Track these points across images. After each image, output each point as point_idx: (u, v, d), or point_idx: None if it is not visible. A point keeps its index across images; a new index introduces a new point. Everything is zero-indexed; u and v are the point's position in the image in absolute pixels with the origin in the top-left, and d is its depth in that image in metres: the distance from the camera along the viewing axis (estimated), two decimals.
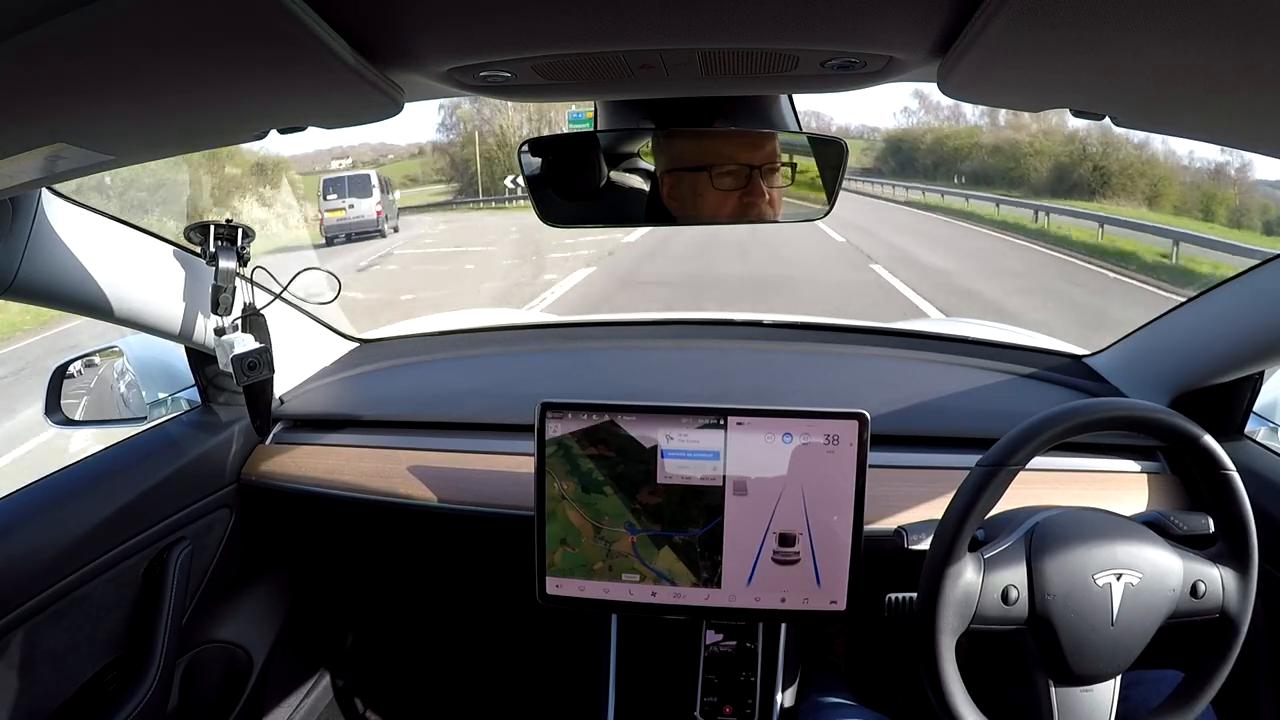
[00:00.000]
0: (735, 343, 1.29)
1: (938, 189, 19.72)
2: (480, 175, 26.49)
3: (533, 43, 0.47)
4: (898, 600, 0.74)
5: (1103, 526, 0.72)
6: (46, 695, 0.85)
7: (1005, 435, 0.70)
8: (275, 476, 1.08)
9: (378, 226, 14.28)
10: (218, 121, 0.56)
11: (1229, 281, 0.94)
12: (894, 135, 32.49)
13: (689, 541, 0.90)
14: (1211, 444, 0.70)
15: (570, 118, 10.34)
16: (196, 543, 1.01)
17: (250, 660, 1.19)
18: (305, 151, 28.51)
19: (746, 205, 0.78)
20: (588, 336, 1.43)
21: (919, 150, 29.76)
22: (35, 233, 0.73)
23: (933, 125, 30.24)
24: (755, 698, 0.97)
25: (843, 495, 0.87)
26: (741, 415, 0.88)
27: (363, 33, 0.42)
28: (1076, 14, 0.36)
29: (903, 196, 19.76)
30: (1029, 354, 1.20)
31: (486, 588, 1.38)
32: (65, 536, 0.84)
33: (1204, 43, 0.37)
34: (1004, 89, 0.51)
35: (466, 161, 28.22)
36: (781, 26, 0.44)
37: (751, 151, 0.77)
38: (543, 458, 0.91)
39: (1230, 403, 0.98)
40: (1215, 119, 0.49)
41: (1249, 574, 0.71)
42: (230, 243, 0.94)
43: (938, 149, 28.35)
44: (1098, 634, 0.69)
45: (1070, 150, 21.07)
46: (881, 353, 1.23)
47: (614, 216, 0.89)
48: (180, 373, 1.10)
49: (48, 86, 0.42)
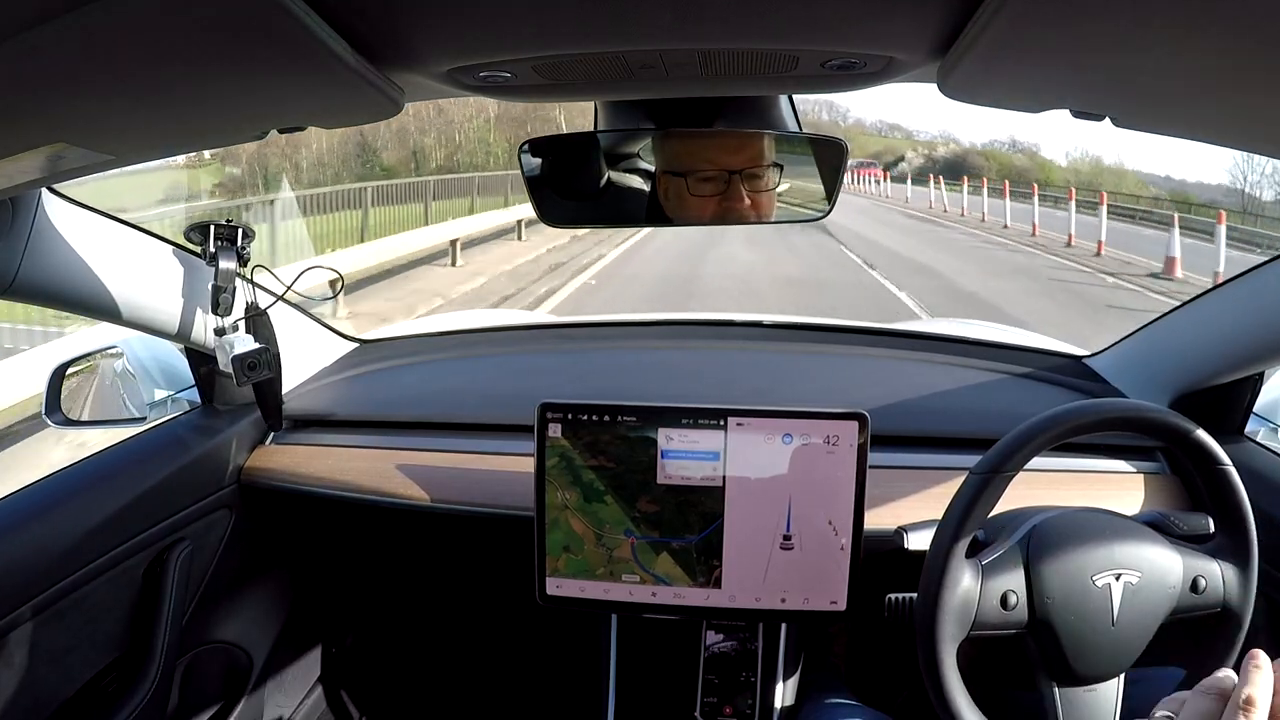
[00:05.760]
0: (735, 343, 1.29)
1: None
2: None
3: (533, 43, 0.47)
4: (898, 600, 0.74)
5: (1100, 527, 0.72)
6: (46, 695, 0.84)
7: (999, 441, 0.70)
8: (276, 477, 1.08)
9: None
10: (218, 121, 0.56)
11: (1229, 282, 0.94)
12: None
13: (686, 548, 0.90)
14: (1206, 439, 0.70)
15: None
16: (197, 543, 1.01)
17: (250, 660, 1.19)
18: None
19: (726, 209, 0.78)
20: (588, 337, 1.43)
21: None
22: (35, 233, 0.73)
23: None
24: (755, 698, 0.97)
25: (843, 496, 0.87)
26: (741, 416, 0.88)
27: (363, 33, 0.42)
28: (1077, 14, 0.36)
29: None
30: (1029, 354, 1.21)
31: (486, 588, 1.38)
32: (65, 536, 0.84)
33: (1204, 43, 0.37)
34: (1004, 90, 0.51)
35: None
36: (781, 27, 0.44)
37: (732, 155, 0.77)
38: (543, 459, 0.91)
39: (1230, 403, 0.98)
40: (1215, 119, 0.49)
41: (1249, 567, 0.71)
42: (230, 243, 0.94)
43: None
44: (1099, 635, 0.69)
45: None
46: (881, 353, 1.23)
47: (613, 216, 0.90)
48: (180, 373, 1.10)
49: (48, 86, 0.42)
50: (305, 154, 16.53)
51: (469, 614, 1.47)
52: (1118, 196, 18.92)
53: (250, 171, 13.57)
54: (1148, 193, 25.41)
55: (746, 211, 0.79)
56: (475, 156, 18.77)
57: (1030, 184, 17.37)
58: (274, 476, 1.08)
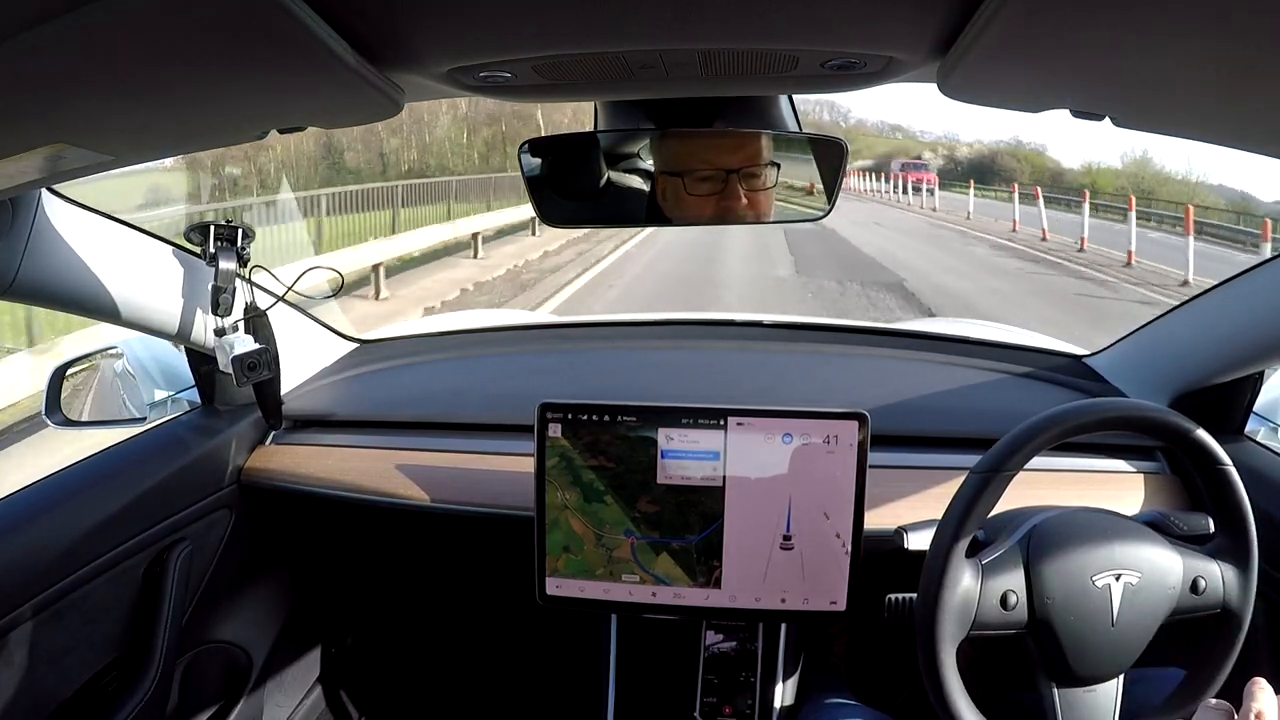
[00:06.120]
0: (735, 343, 1.29)
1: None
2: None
3: (533, 43, 0.47)
4: (898, 601, 0.74)
5: (1100, 527, 0.72)
6: (46, 695, 0.84)
7: (999, 441, 0.70)
8: (275, 477, 1.08)
9: None
10: (218, 121, 0.56)
11: (1229, 281, 0.94)
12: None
13: (685, 548, 0.90)
14: (1206, 438, 0.70)
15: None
16: (196, 543, 1.01)
17: (250, 660, 1.19)
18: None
19: (724, 209, 0.79)
20: (588, 337, 1.43)
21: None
22: (35, 233, 0.73)
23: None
24: (755, 698, 0.97)
25: (843, 495, 0.87)
26: (741, 415, 0.88)
27: (363, 33, 0.42)
28: (1077, 15, 0.36)
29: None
30: (1029, 354, 1.20)
31: (486, 588, 1.38)
32: (65, 536, 0.84)
33: (1204, 43, 0.37)
34: (1004, 90, 0.51)
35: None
36: (781, 27, 0.44)
37: (729, 155, 0.77)
38: (543, 459, 0.91)
39: (1230, 403, 0.98)
40: (1215, 119, 0.49)
41: (1249, 568, 0.71)
42: (230, 243, 0.94)
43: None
44: (1098, 635, 0.69)
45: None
46: (881, 353, 1.23)
47: (613, 217, 0.90)
48: (180, 373, 1.10)
49: (48, 86, 0.42)
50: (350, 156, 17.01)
51: (469, 614, 1.47)
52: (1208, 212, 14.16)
53: (310, 166, 14.10)
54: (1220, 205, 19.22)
55: (744, 211, 0.79)
56: (491, 159, 19.52)
57: (1081, 191, 14.46)
58: (274, 476, 1.08)
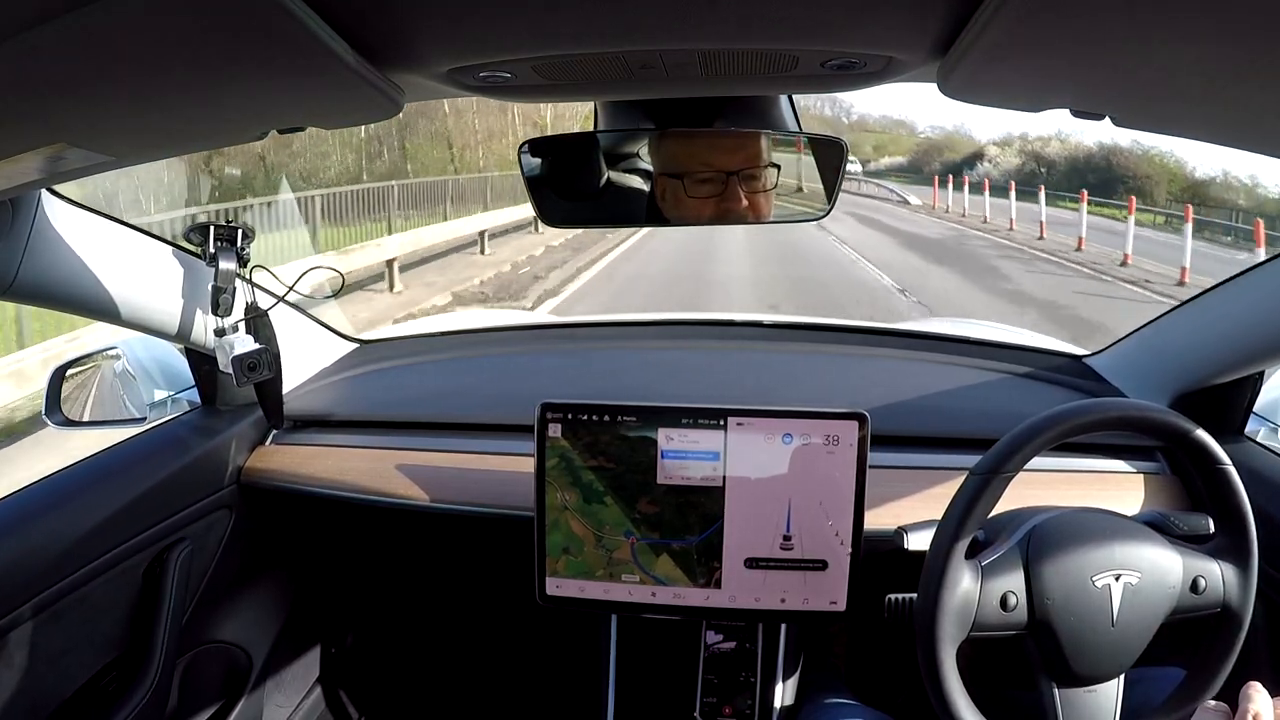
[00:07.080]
0: (735, 343, 1.29)
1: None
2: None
3: (533, 43, 0.47)
4: (898, 601, 0.74)
5: (1100, 527, 0.72)
6: (46, 695, 0.84)
7: (999, 441, 0.70)
8: (275, 477, 1.08)
9: None
10: (218, 121, 0.56)
11: (1229, 281, 0.94)
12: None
13: (686, 549, 0.90)
14: (1205, 438, 0.70)
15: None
16: (196, 543, 1.01)
17: (250, 660, 1.19)
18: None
19: (724, 210, 0.79)
20: (588, 337, 1.43)
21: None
22: (35, 233, 0.73)
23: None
24: (755, 698, 0.97)
25: (843, 495, 0.87)
26: (741, 415, 0.88)
27: (363, 33, 0.42)
28: (1077, 15, 0.36)
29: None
30: (1029, 354, 1.20)
31: (486, 588, 1.38)
32: (65, 536, 0.84)
33: (1204, 43, 0.37)
34: (1004, 89, 0.51)
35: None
36: (781, 27, 0.44)
37: (728, 156, 0.77)
38: (543, 459, 0.91)
39: (1230, 403, 0.98)
40: (1215, 119, 0.49)
41: (1249, 567, 0.71)
42: (230, 243, 0.94)
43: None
44: (1098, 635, 0.69)
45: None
46: (881, 353, 1.23)
47: (613, 217, 0.90)
48: (180, 373, 1.10)
49: (48, 86, 0.42)
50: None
51: (469, 614, 1.47)
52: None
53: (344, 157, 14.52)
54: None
55: (744, 212, 0.79)
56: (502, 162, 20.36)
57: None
58: (274, 477, 1.08)
